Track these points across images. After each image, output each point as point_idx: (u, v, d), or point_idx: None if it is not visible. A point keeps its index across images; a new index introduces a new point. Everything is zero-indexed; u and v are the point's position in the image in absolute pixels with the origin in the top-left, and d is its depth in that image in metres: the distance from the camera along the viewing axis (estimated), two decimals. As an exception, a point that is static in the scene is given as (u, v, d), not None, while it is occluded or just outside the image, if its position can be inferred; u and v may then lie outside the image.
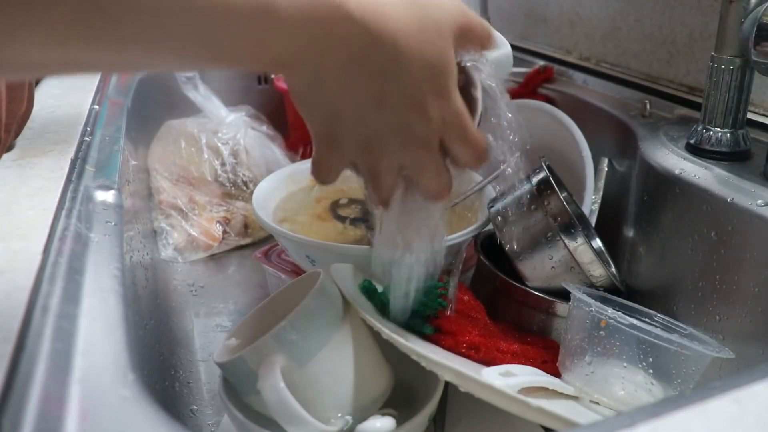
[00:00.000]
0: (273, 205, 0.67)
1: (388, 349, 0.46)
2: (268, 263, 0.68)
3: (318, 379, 0.44)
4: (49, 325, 0.34)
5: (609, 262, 0.63)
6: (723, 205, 0.55)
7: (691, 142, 0.63)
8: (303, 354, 0.43)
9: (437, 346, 0.49)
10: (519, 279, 0.58)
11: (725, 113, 0.60)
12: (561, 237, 0.55)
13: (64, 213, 0.47)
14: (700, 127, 0.62)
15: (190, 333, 0.70)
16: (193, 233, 0.84)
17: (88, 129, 0.64)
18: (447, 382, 0.41)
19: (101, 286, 0.39)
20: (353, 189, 0.71)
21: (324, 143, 0.38)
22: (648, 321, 0.52)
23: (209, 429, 0.56)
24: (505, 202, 0.59)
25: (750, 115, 0.64)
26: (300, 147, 1.01)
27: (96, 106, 0.72)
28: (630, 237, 0.68)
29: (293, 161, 0.94)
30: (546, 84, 0.91)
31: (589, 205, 0.69)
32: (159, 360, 0.55)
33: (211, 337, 0.69)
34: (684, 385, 0.46)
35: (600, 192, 0.71)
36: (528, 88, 0.91)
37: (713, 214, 0.56)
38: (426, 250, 0.45)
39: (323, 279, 0.46)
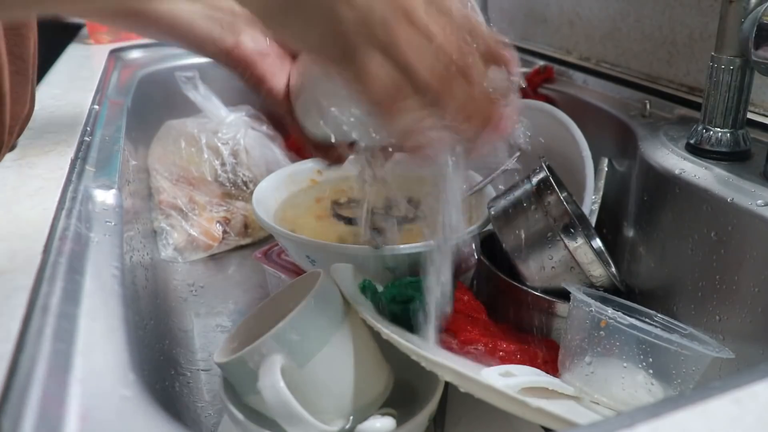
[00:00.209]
0: (273, 205, 0.67)
1: (388, 349, 0.46)
2: (268, 263, 0.68)
3: (318, 379, 0.44)
4: (49, 325, 0.34)
5: (609, 262, 0.63)
6: (723, 205, 0.55)
7: (691, 142, 0.63)
8: (303, 354, 0.43)
9: (437, 346, 0.49)
10: (519, 279, 0.58)
11: (725, 113, 0.60)
12: (561, 237, 0.55)
13: (64, 213, 0.47)
14: (700, 127, 0.62)
15: (190, 333, 0.70)
16: (193, 233, 0.84)
17: (88, 129, 0.64)
18: (447, 382, 0.41)
19: (101, 286, 0.39)
20: (353, 189, 0.71)
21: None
22: (648, 321, 0.52)
23: (209, 429, 0.56)
24: (505, 202, 0.59)
25: (750, 115, 0.64)
26: (300, 147, 1.01)
27: (96, 106, 0.72)
28: (630, 237, 0.68)
29: (293, 161, 0.94)
30: (546, 84, 0.91)
31: (589, 205, 0.69)
32: (159, 360, 0.55)
33: (211, 337, 0.69)
34: (684, 385, 0.46)
35: (600, 192, 0.71)
36: (528, 88, 0.91)
37: (713, 214, 0.56)
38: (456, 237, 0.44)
39: (323, 279, 0.46)
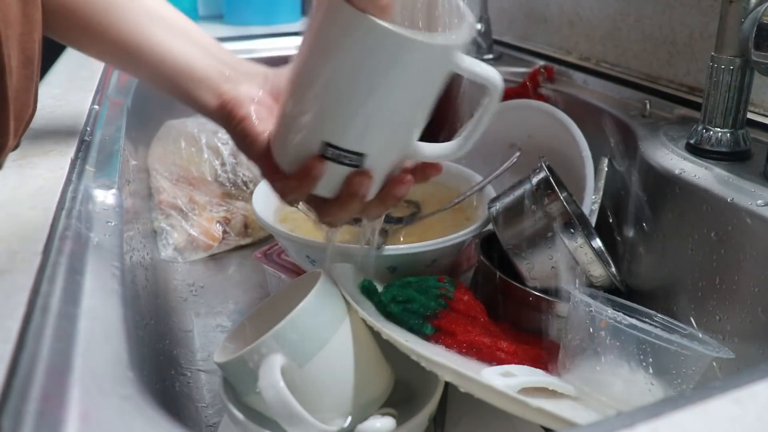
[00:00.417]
0: (273, 205, 0.67)
1: (388, 349, 0.46)
2: (268, 263, 0.68)
3: (318, 379, 0.44)
4: (49, 325, 0.34)
5: (609, 262, 0.63)
6: (723, 205, 0.55)
7: (691, 142, 0.63)
8: (303, 354, 0.43)
9: (437, 346, 0.49)
10: (519, 279, 0.58)
11: (725, 113, 0.60)
12: (561, 237, 0.55)
13: (64, 213, 0.47)
14: (700, 127, 0.62)
15: (190, 333, 0.70)
16: (193, 233, 0.84)
17: (88, 129, 0.64)
18: (447, 382, 0.41)
19: (101, 286, 0.39)
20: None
21: None
22: (648, 321, 0.52)
23: (209, 429, 0.56)
24: (505, 202, 0.59)
25: (750, 115, 0.64)
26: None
27: (96, 106, 0.72)
28: (630, 237, 0.68)
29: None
30: (546, 84, 0.91)
31: (589, 205, 0.69)
32: (159, 360, 0.55)
33: (211, 337, 0.69)
34: (684, 385, 0.46)
35: (600, 192, 0.71)
36: (528, 88, 0.91)
37: (713, 214, 0.56)
38: None
39: (323, 279, 0.46)
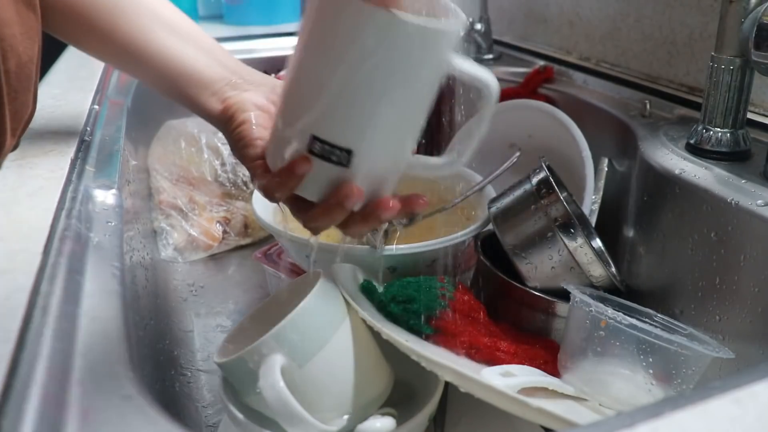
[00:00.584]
0: (273, 205, 0.67)
1: (388, 349, 0.46)
2: (268, 263, 0.68)
3: (318, 379, 0.44)
4: (49, 325, 0.34)
5: (609, 262, 0.63)
6: (723, 205, 0.55)
7: (691, 142, 0.63)
8: (303, 354, 0.43)
9: (437, 346, 0.49)
10: (519, 279, 0.58)
11: (725, 113, 0.60)
12: (561, 237, 0.55)
13: (64, 213, 0.47)
14: (700, 127, 0.62)
15: (190, 333, 0.70)
16: (193, 233, 0.84)
17: (88, 129, 0.64)
18: (447, 382, 0.41)
19: (101, 286, 0.39)
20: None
21: None
22: (648, 321, 0.52)
23: (209, 429, 0.56)
24: (505, 202, 0.59)
25: (750, 115, 0.64)
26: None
27: (96, 106, 0.72)
28: (630, 237, 0.68)
29: (293, 161, 0.94)
30: (546, 84, 0.91)
31: (589, 205, 0.69)
32: (159, 360, 0.55)
33: (211, 337, 0.69)
34: (684, 385, 0.46)
35: (600, 192, 0.71)
36: (528, 88, 0.91)
37: (713, 214, 0.56)
38: None
39: (323, 279, 0.46)
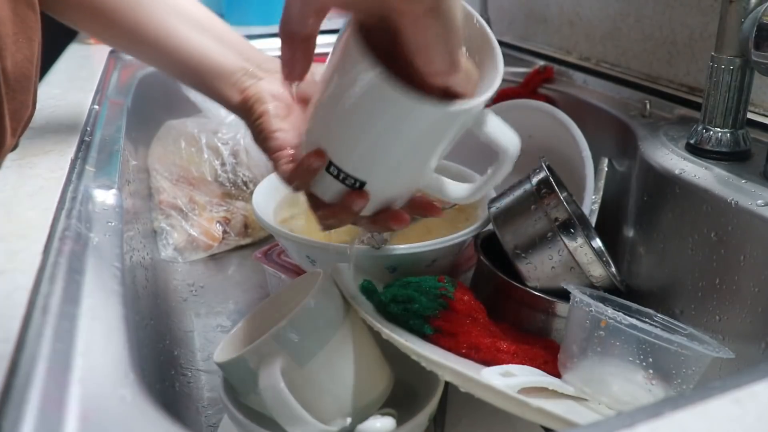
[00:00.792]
0: (273, 205, 0.67)
1: (388, 349, 0.46)
2: (268, 263, 0.68)
3: (318, 379, 0.44)
4: (49, 325, 0.34)
5: (609, 262, 0.63)
6: (723, 205, 0.55)
7: (691, 142, 0.63)
8: (303, 354, 0.43)
9: (437, 346, 0.49)
10: (519, 279, 0.58)
11: (725, 113, 0.60)
12: (561, 237, 0.55)
13: (64, 213, 0.47)
14: (700, 127, 0.62)
15: (190, 333, 0.70)
16: (193, 233, 0.84)
17: (88, 129, 0.64)
18: (447, 382, 0.41)
19: (101, 286, 0.39)
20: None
21: None
22: (648, 321, 0.52)
23: (209, 429, 0.56)
24: (505, 202, 0.59)
25: (750, 115, 0.64)
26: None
27: (96, 106, 0.72)
28: (630, 237, 0.68)
29: (293, 161, 0.94)
30: (546, 84, 0.91)
31: (589, 205, 0.69)
32: (159, 360, 0.55)
33: (211, 337, 0.69)
34: (684, 385, 0.46)
35: (600, 192, 0.71)
36: (528, 88, 0.91)
37: (713, 214, 0.56)
38: None
39: (323, 279, 0.46)
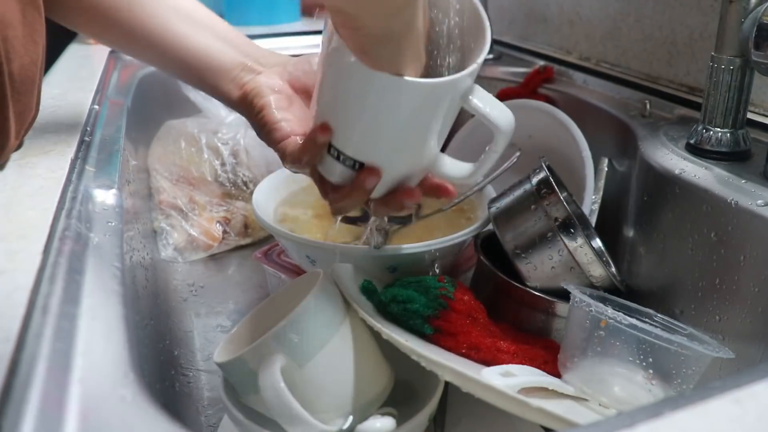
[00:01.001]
0: (273, 205, 0.67)
1: (388, 349, 0.46)
2: (268, 263, 0.68)
3: (318, 379, 0.44)
4: (49, 325, 0.34)
5: (609, 262, 0.63)
6: (723, 205, 0.55)
7: (691, 142, 0.63)
8: (303, 354, 0.43)
9: (437, 346, 0.49)
10: (519, 279, 0.58)
11: (725, 113, 0.60)
12: (561, 237, 0.55)
13: (64, 213, 0.46)
14: (700, 127, 0.62)
15: (190, 333, 0.70)
16: (193, 233, 0.84)
17: (88, 129, 0.64)
18: (447, 382, 0.41)
19: (101, 286, 0.39)
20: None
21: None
22: (648, 321, 0.52)
23: (209, 429, 0.56)
24: (506, 202, 0.59)
25: (750, 115, 0.64)
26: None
27: (96, 106, 0.72)
28: (630, 237, 0.68)
29: (293, 161, 0.94)
30: (546, 84, 0.91)
31: (589, 205, 0.69)
32: (159, 360, 0.55)
33: (211, 337, 0.69)
34: (684, 385, 0.46)
35: (600, 192, 0.71)
36: (528, 88, 0.91)
37: (713, 214, 0.56)
38: None
39: (323, 279, 0.46)
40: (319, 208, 0.69)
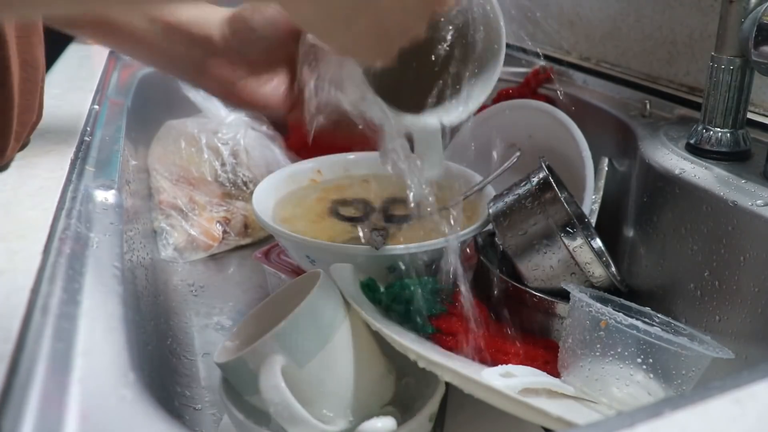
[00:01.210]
0: (273, 205, 0.67)
1: (388, 349, 0.46)
2: (268, 263, 0.68)
3: (318, 379, 0.44)
4: (49, 325, 0.34)
5: (609, 262, 0.63)
6: (723, 205, 0.55)
7: (691, 142, 0.63)
8: (303, 354, 0.43)
9: (437, 346, 0.49)
10: (519, 279, 0.58)
11: (725, 113, 0.60)
12: (561, 237, 0.55)
13: (64, 213, 0.47)
14: (700, 127, 0.62)
15: (190, 333, 0.70)
16: (193, 233, 0.84)
17: (88, 129, 0.64)
18: (447, 382, 0.41)
19: (101, 286, 0.39)
20: (354, 189, 0.71)
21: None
22: (648, 321, 0.52)
23: (209, 429, 0.56)
24: (505, 202, 0.59)
25: (750, 115, 0.64)
26: (300, 147, 1.01)
27: (96, 106, 0.72)
28: (630, 237, 0.68)
29: (293, 161, 0.94)
30: (546, 84, 0.91)
31: (589, 205, 0.69)
32: (159, 360, 0.55)
33: (211, 337, 0.69)
34: (684, 386, 0.46)
35: (600, 192, 0.71)
36: (528, 88, 0.91)
37: (713, 214, 0.56)
38: None
39: (323, 279, 0.46)
40: (319, 207, 0.69)
